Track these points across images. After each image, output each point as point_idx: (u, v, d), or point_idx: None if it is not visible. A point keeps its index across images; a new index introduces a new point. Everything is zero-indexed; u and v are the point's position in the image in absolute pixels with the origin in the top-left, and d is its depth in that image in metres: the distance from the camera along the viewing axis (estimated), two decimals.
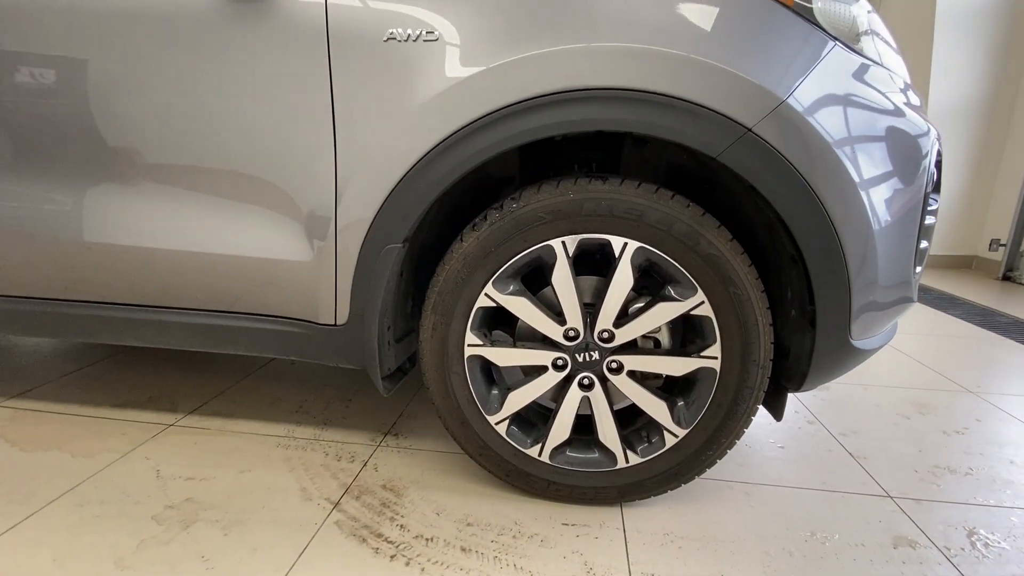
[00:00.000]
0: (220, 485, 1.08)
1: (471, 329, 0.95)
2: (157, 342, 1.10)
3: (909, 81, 0.99)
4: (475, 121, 0.83)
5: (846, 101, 0.84)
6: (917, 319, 2.39)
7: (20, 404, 1.42)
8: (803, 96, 0.80)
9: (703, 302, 0.89)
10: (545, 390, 0.97)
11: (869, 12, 0.93)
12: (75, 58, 0.93)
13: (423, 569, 0.86)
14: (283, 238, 0.96)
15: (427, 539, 0.93)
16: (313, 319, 1.01)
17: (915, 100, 0.96)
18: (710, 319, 0.89)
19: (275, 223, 0.95)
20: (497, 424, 0.99)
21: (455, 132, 0.84)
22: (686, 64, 0.79)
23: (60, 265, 1.05)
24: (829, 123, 0.81)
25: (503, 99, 0.82)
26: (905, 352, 1.95)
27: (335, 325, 0.99)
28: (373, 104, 0.86)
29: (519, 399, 0.98)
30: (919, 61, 3.28)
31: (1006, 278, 3.19)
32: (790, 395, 1.17)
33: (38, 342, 1.83)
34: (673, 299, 0.90)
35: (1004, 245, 3.18)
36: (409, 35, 0.83)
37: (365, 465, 1.16)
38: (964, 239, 3.48)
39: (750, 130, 0.79)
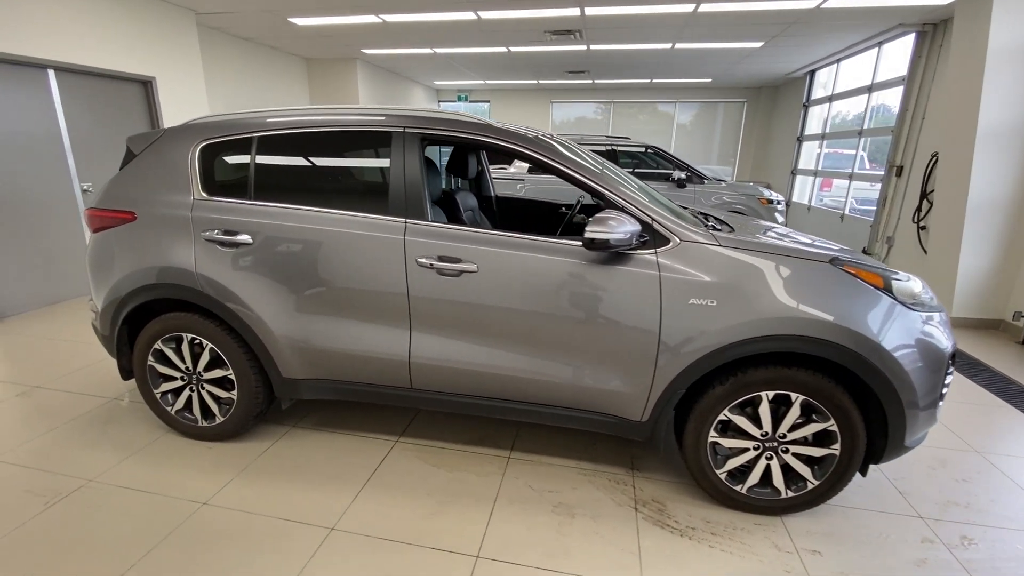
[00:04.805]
0: (566, 496, 2.13)
1: (712, 429, 1.96)
2: (534, 420, 2.15)
3: (938, 307, 1.93)
4: (728, 344, 1.82)
5: (907, 335, 1.80)
6: (951, 385, 3.29)
7: (409, 440, 2.51)
8: (886, 337, 1.77)
9: (833, 424, 1.87)
10: (747, 460, 1.98)
11: (923, 287, 1.89)
12: (518, 288, 1.96)
13: (699, 541, 1.89)
14: (623, 381, 1.98)
15: (692, 528, 1.96)
16: (628, 417, 2.03)
17: (943, 320, 1.91)
18: (836, 432, 1.88)
19: (620, 374, 1.97)
20: (720, 474, 2.01)
21: (715, 349, 1.83)
22: (835, 326, 1.76)
23: (505, 380, 2.10)
24: (900, 349, 1.77)
25: (750, 335, 1.81)
26: (941, 420, 2.87)
27: (640, 420, 2.02)
28: (678, 327, 1.87)
29: (733, 463, 1.99)
30: (963, 167, 4.11)
31: None
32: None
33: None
34: (817, 422, 1.89)
35: None
36: (703, 303, 1.84)
37: (634, 488, 2.19)
38: (994, 305, 4.30)
39: (861, 355, 1.77)
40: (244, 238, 2.16)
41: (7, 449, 2.37)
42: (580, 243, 1.94)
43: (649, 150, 6.83)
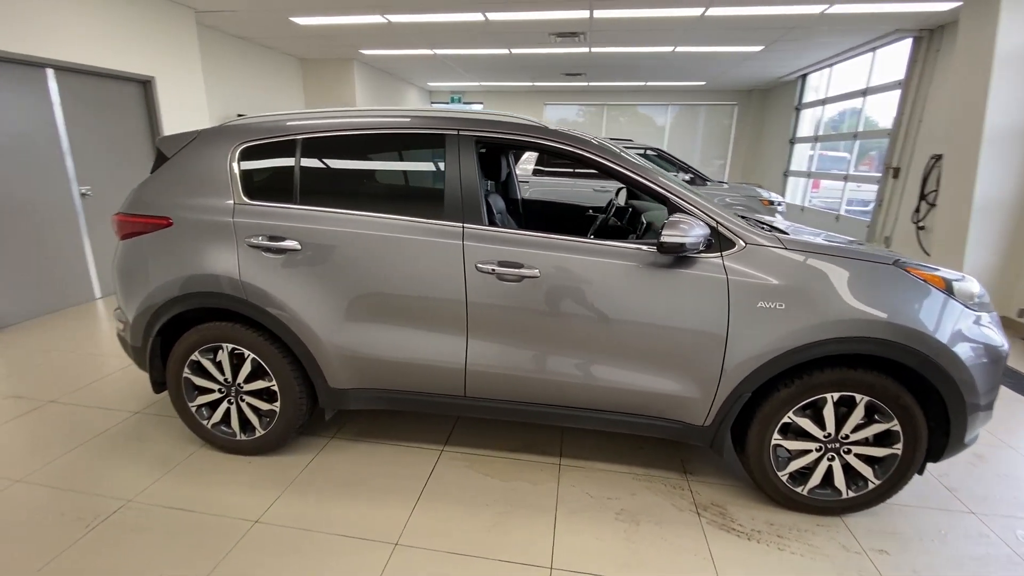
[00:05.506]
0: (626, 503, 2.11)
1: (776, 432, 1.96)
2: (591, 426, 2.12)
3: (991, 307, 1.96)
4: (796, 347, 1.83)
5: (969, 335, 1.83)
6: None
7: (455, 449, 2.46)
8: (952, 338, 1.79)
9: (896, 424, 1.89)
10: (809, 461, 1.99)
11: (980, 289, 1.92)
12: (578, 293, 1.94)
13: (767, 544, 1.89)
14: (687, 386, 1.96)
15: (757, 531, 1.96)
16: (690, 422, 2.02)
17: (995, 320, 1.95)
18: (899, 432, 1.90)
19: (685, 379, 1.96)
20: (783, 476, 2.01)
21: (783, 352, 1.83)
22: (904, 328, 1.78)
23: (564, 386, 2.06)
24: (964, 350, 1.80)
25: (819, 338, 1.81)
26: None
27: (702, 425, 2.01)
28: (746, 330, 1.86)
29: (794, 466, 2.00)
30: (968, 168, 4.23)
31: None
32: None
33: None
34: (880, 422, 1.90)
35: None
36: (772, 307, 1.84)
37: (691, 492, 2.18)
38: (1000, 303, 4.43)
39: (929, 357, 1.79)
40: (291, 244, 2.08)
41: (32, 469, 2.25)
42: (645, 247, 1.93)
43: (650, 152, 6.87)
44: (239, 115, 6.74)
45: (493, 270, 1.97)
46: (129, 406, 2.79)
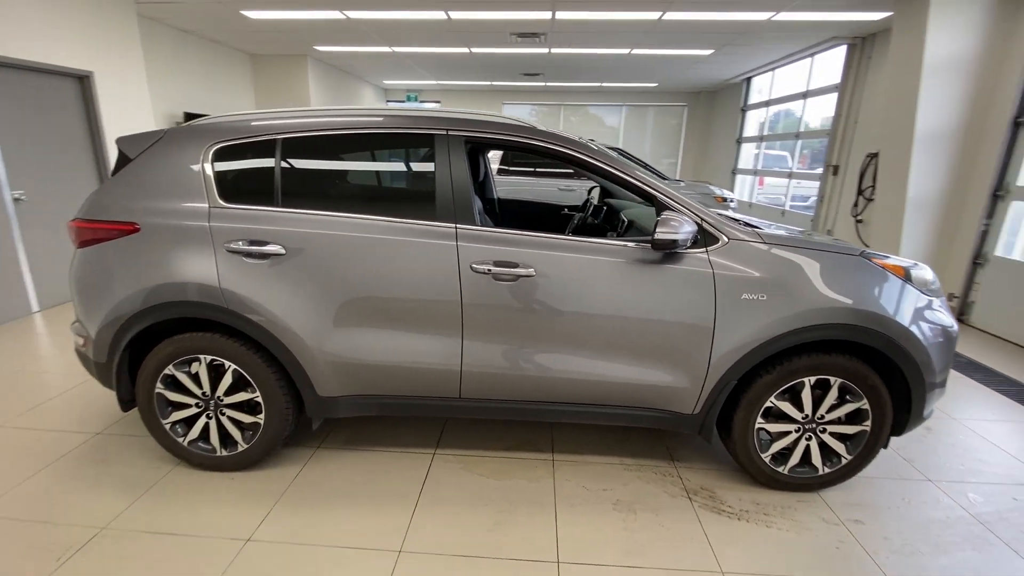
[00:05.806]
0: (620, 493, 2.17)
1: (759, 416, 2.08)
2: (584, 420, 2.17)
3: (941, 292, 2.16)
4: (778, 335, 1.94)
5: (927, 319, 2.00)
6: None
7: (447, 452, 2.45)
8: (913, 322, 1.96)
9: (865, 403, 2.04)
10: (789, 442, 2.12)
11: (932, 275, 2.11)
12: (572, 291, 1.98)
13: (756, 523, 2.00)
14: (678, 376, 2.04)
15: (744, 510, 2.07)
16: (679, 411, 2.11)
17: (944, 304, 2.14)
18: (867, 410, 2.05)
19: (675, 370, 2.03)
20: (766, 457, 2.13)
21: (766, 340, 1.95)
22: (874, 315, 1.93)
23: (560, 383, 2.09)
24: (924, 333, 1.97)
25: (799, 325, 1.93)
26: None
27: (691, 413, 2.10)
28: (732, 321, 1.96)
29: (776, 447, 2.12)
30: (902, 166, 4.60)
31: (958, 320, 4.58)
32: None
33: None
34: (851, 402, 2.05)
35: (957, 297, 4.56)
36: (754, 298, 1.94)
37: (680, 479, 2.27)
38: None
39: (894, 341, 1.95)
40: (275, 248, 2.00)
41: None
42: (634, 243, 2.00)
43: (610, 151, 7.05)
44: (186, 114, 6.37)
45: (489, 270, 1.97)
46: (88, 427, 2.59)
